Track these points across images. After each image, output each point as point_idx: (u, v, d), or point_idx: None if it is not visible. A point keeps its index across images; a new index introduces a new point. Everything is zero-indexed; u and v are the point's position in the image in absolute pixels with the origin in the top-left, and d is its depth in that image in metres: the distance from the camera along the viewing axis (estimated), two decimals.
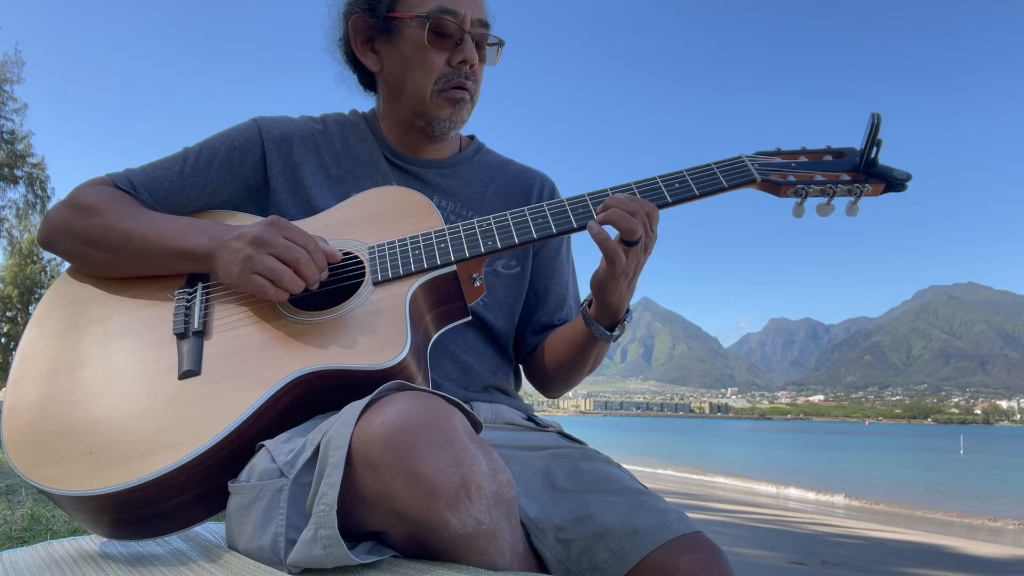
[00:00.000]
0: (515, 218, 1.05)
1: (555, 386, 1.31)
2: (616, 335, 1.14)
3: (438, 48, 1.17)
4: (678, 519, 0.91)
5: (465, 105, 1.21)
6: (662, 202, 1.03)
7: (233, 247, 0.96)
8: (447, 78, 1.18)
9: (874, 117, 0.98)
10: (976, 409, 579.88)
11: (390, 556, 0.74)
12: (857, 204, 1.05)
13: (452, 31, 1.17)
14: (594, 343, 1.17)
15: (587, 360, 1.22)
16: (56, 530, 3.12)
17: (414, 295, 0.99)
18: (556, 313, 1.32)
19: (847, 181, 1.04)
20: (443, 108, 1.20)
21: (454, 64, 1.18)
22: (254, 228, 0.96)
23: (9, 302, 33.57)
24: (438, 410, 0.72)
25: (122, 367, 0.96)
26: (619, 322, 1.13)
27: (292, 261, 0.94)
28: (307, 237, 0.97)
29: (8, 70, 25.23)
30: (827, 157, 1.08)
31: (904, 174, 1.03)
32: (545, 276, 1.32)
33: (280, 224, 0.97)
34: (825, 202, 1.06)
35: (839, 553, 5.90)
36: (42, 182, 30.04)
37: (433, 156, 1.29)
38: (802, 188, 1.04)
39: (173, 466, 0.83)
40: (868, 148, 1.01)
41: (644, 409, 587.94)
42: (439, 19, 1.16)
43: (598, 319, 1.13)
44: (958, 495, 14.77)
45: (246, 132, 1.20)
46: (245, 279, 0.94)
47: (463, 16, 1.17)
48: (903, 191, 1.03)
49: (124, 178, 1.14)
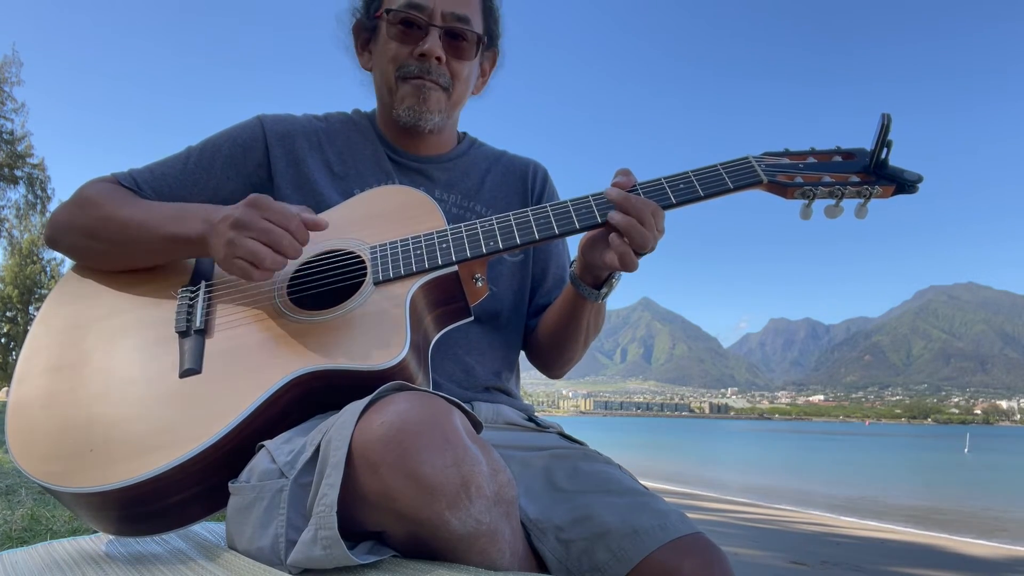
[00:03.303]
0: (517, 218, 1.05)
1: (552, 360, 1.31)
2: (604, 293, 1.13)
3: (402, 41, 1.19)
4: (679, 520, 0.91)
5: (431, 93, 1.20)
6: (666, 203, 1.03)
7: (220, 230, 0.96)
8: (408, 68, 1.20)
9: (884, 117, 0.96)
10: (976, 409, 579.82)
11: (390, 556, 0.74)
12: (866, 206, 1.02)
13: (420, 24, 1.18)
14: (583, 307, 1.16)
15: (579, 327, 1.21)
16: (56, 530, 3.12)
17: (415, 295, 0.98)
18: (553, 293, 1.33)
19: (856, 183, 1.02)
20: (408, 97, 1.20)
21: (415, 55, 1.19)
22: (236, 210, 0.96)
23: (9, 302, 33.57)
24: (438, 410, 0.71)
25: (125, 364, 0.97)
26: (605, 280, 1.12)
27: (274, 243, 0.94)
28: (287, 215, 0.95)
29: (7, 71, 25.25)
30: (836, 158, 1.06)
31: (915, 175, 1.00)
32: (543, 259, 1.33)
33: (260, 203, 0.95)
34: (834, 204, 1.03)
35: (839, 553, 5.90)
36: (42, 183, 30.06)
37: (432, 152, 1.30)
38: (810, 190, 1.02)
39: (173, 464, 0.83)
40: (878, 149, 0.99)
41: (644, 409, 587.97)
42: (404, 13, 1.18)
43: (582, 277, 1.12)
44: (958, 495, 14.77)
45: (250, 129, 1.21)
46: (229, 264, 0.95)
47: (431, 10, 1.18)
48: (914, 193, 1.01)
49: (128, 176, 1.15)
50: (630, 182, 1.05)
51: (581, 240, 1.09)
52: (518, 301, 1.28)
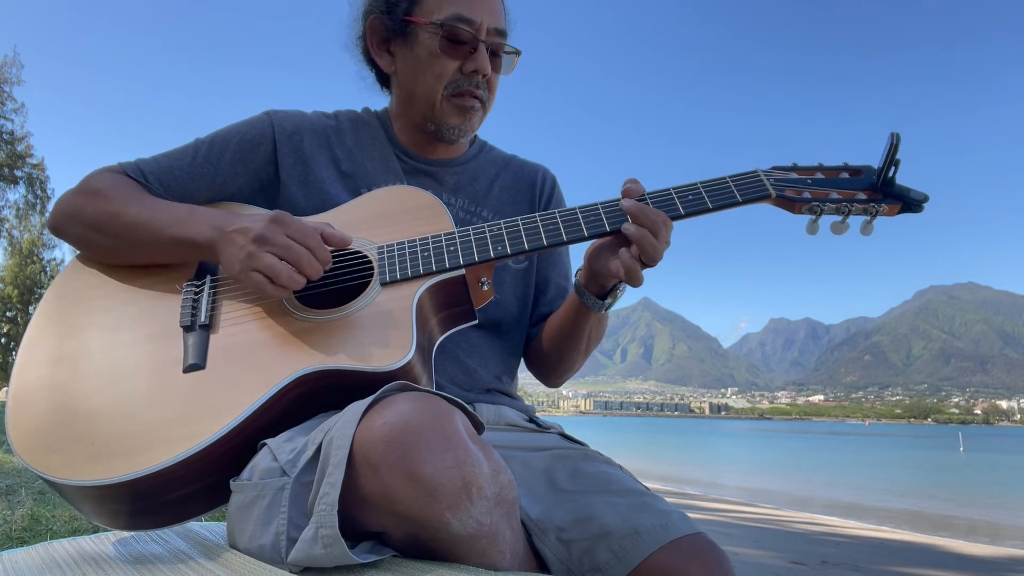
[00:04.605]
0: (526, 224, 1.05)
1: (552, 369, 1.30)
2: (608, 303, 1.13)
3: (451, 56, 1.17)
4: (680, 520, 0.91)
5: (476, 114, 1.21)
6: (675, 214, 1.03)
7: (236, 241, 0.96)
8: (457, 84, 1.18)
9: (893, 137, 0.97)
10: (976, 409, 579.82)
11: (390, 556, 0.74)
12: (872, 223, 1.03)
13: (466, 39, 1.16)
14: (586, 317, 1.16)
15: (580, 337, 1.21)
16: (56, 530, 3.12)
17: (421, 298, 0.98)
18: (556, 303, 1.32)
19: (863, 200, 1.03)
20: (452, 116, 1.20)
21: (466, 72, 1.17)
22: (257, 224, 0.96)
23: (9, 302, 33.58)
24: (440, 411, 0.71)
25: (127, 357, 0.96)
26: (610, 291, 1.12)
27: (293, 259, 0.94)
28: (309, 233, 0.96)
29: (7, 71, 25.27)
30: (844, 175, 1.06)
31: (921, 195, 1.01)
32: (546, 267, 1.33)
33: (283, 220, 0.96)
34: (840, 220, 1.04)
35: (839, 553, 5.90)
36: (42, 183, 30.07)
37: (443, 156, 1.29)
38: (817, 205, 1.03)
39: (174, 460, 0.83)
40: (886, 167, 1.00)
41: (644, 409, 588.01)
42: (454, 27, 1.15)
43: (587, 286, 1.12)
44: (958, 495, 14.77)
45: (258, 125, 1.20)
46: (246, 276, 0.94)
47: (479, 24, 1.16)
48: (919, 212, 1.02)
49: (135, 167, 1.15)
50: (639, 191, 1.05)
51: (588, 249, 1.09)
52: (521, 309, 1.28)
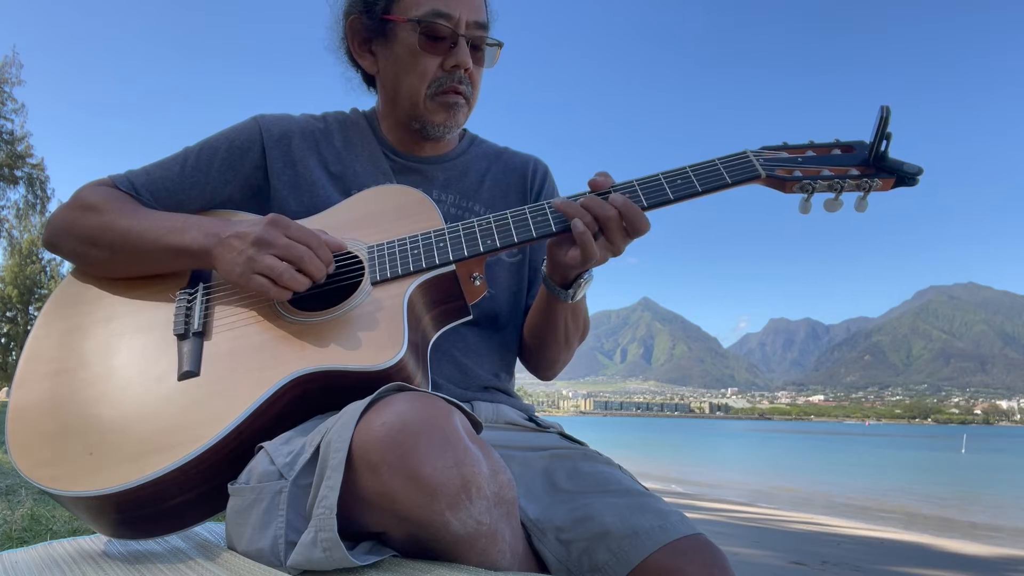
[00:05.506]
0: (515, 216, 1.05)
1: (538, 361, 1.29)
2: (572, 293, 1.10)
3: (431, 52, 1.16)
4: (679, 520, 0.91)
5: (460, 109, 1.20)
6: (665, 199, 1.02)
7: (234, 246, 0.96)
8: (440, 82, 1.17)
9: (883, 110, 0.96)
10: (976, 409, 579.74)
11: (390, 556, 0.74)
12: (866, 199, 1.02)
13: (445, 34, 1.15)
14: (557, 307, 1.14)
15: (556, 328, 1.19)
16: (56, 530, 3.12)
17: (412, 295, 0.98)
18: None
19: (856, 176, 1.01)
20: (437, 113, 1.19)
21: (447, 68, 1.17)
22: (255, 228, 0.96)
23: (9, 302, 33.56)
24: (438, 411, 0.71)
25: (124, 368, 0.97)
26: (573, 282, 1.09)
27: (295, 259, 0.94)
28: (309, 234, 0.97)
29: (7, 71, 25.28)
30: (835, 151, 1.05)
31: (915, 168, 1.00)
32: (537, 259, 1.32)
33: (281, 222, 0.97)
34: (833, 197, 1.02)
35: (839, 553, 5.90)
36: (42, 183, 30.06)
37: (431, 153, 1.29)
38: (808, 183, 1.01)
39: (171, 467, 0.83)
40: (877, 141, 0.98)
41: (644, 409, 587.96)
42: (432, 23, 1.15)
43: (551, 275, 1.10)
44: (958, 495, 14.77)
45: (246, 131, 1.20)
46: (247, 279, 0.94)
47: (457, 19, 1.15)
48: (914, 185, 1.00)
49: (125, 179, 1.15)
50: (608, 183, 1.03)
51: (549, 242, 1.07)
52: (515, 303, 1.28)
